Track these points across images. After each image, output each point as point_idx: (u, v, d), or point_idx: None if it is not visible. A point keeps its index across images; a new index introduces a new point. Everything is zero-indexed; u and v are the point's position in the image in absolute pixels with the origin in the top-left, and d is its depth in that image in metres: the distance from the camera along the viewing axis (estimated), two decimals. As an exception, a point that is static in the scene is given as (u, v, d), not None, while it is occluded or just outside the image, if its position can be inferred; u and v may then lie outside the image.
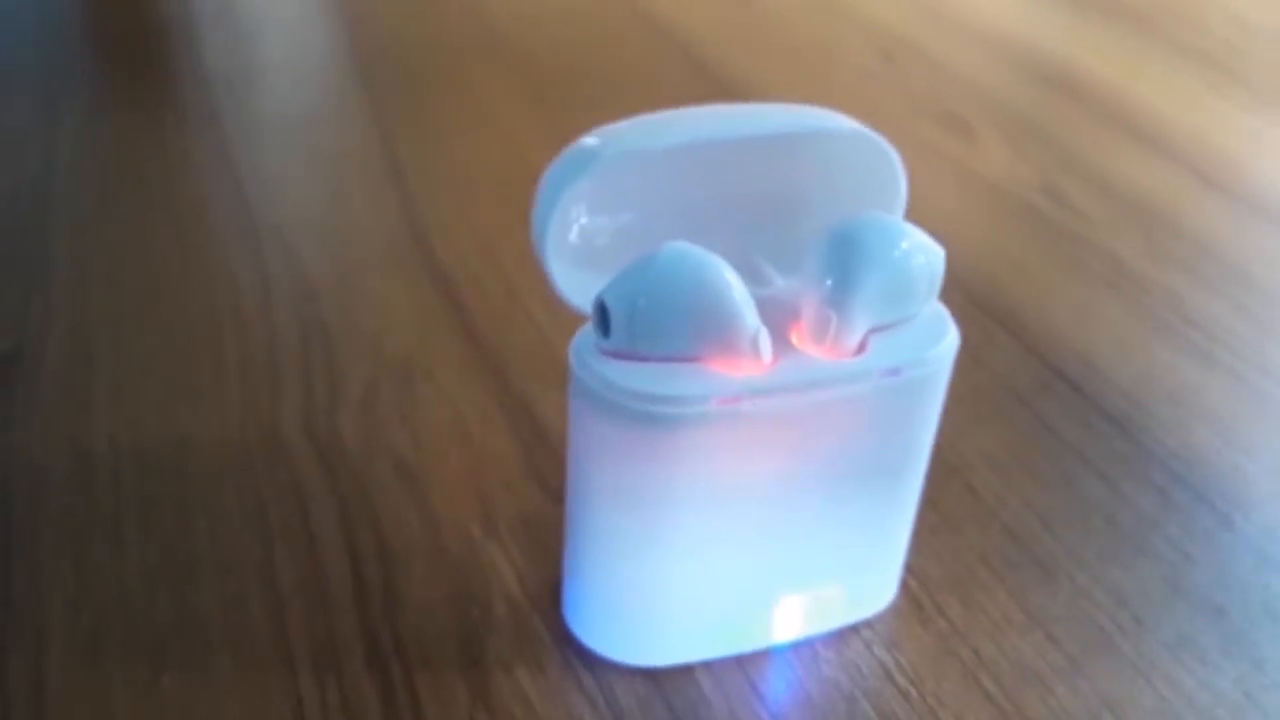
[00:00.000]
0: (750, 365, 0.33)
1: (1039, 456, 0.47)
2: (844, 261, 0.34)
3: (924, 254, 0.35)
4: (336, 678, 0.36)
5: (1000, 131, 0.74)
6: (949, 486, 0.45)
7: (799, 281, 0.35)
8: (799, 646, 0.38)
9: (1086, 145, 0.73)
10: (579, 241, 0.36)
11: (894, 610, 0.40)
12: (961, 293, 0.58)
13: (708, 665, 0.38)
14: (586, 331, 0.34)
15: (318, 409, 0.47)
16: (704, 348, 0.33)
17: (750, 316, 0.33)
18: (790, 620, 0.38)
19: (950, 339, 0.35)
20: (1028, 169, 0.70)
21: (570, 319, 0.35)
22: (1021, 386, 0.51)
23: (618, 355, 0.33)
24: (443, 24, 0.87)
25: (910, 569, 0.41)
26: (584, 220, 0.36)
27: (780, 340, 0.34)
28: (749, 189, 0.38)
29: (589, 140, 0.35)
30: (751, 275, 0.38)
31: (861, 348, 0.34)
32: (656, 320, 0.32)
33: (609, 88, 0.79)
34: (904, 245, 0.34)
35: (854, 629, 0.39)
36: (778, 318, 0.35)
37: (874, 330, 0.35)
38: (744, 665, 0.38)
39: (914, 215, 0.37)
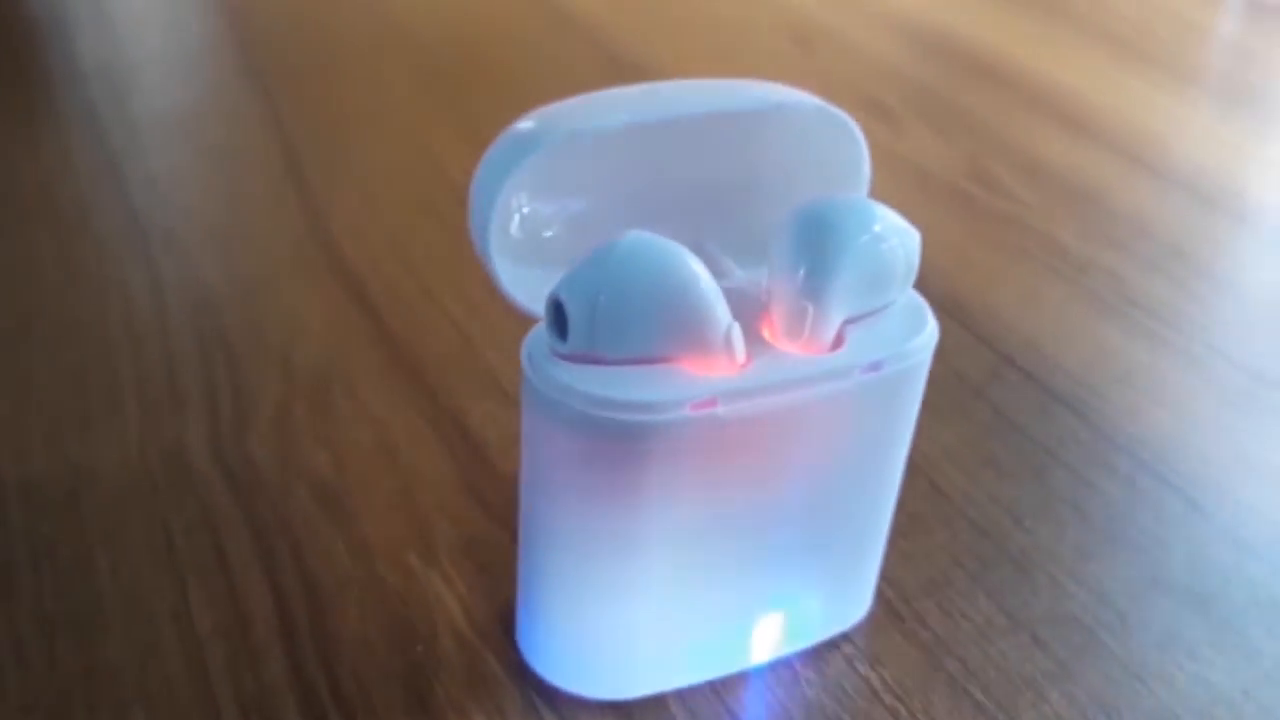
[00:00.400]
0: (723, 365, 0.30)
1: (1001, 449, 0.45)
2: (818, 247, 0.31)
3: (899, 237, 0.32)
4: (268, 732, 0.33)
5: (922, 117, 0.72)
6: (914, 485, 0.43)
7: (761, 272, 0.32)
8: (777, 667, 0.35)
9: (1010, 129, 0.72)
10: (522, 234, 0.33)
11: (873, 621, 0.37)
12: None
13: (680, 694, 0.34)
14: (538, 334, 0.31)
15: (225, 431, 0.43)
16: (672, 347, 0.30)
17: (722, 311, 0.30)
18: (767, 640, 0.35)
19: (931, 328, 0.33)
20: (954, 154, 0.68)
21: (496, 320, 0.32)
22: (974, 376, 0.49)
23: (576, 359, 0.30)
24: (333, 12, 0.83)
25: (884, 575, 0.39)
26: (526, 210, 0.33)
27: (751, 336, 0.31)
28: (701, 173, 0.35)
29: (530, 122, 0.32)
30: (708, 267, 0.35)
31: (838, 341, 0.32)
32: (619, 319, 0.29)
33: (515, 76, 0.75)
34: (878, 228, 0.32)
35: (833, 644, 0.36)
36: (744, 312, 0.32)
37: (849, 322, 0.32)
38: (720, 691, 0.35)
39: None
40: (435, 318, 0.50)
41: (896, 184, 0.65)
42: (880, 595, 0.38)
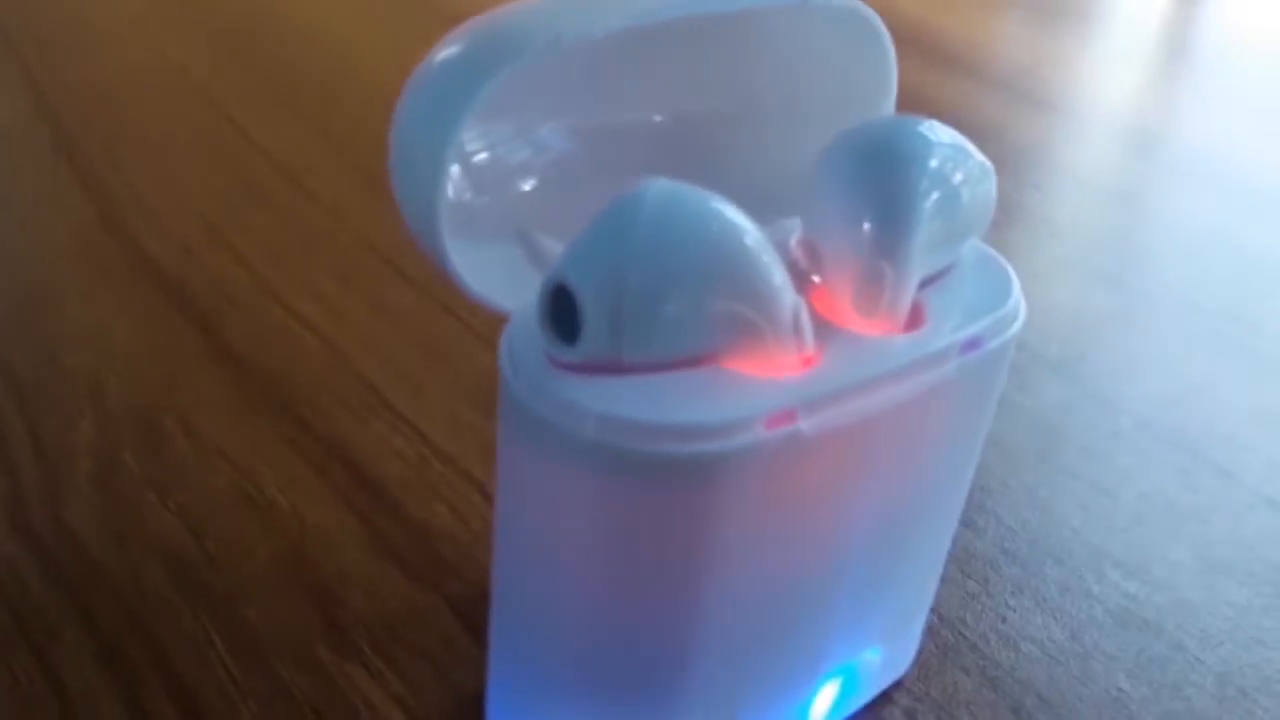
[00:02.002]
0: (787, 360, 0.22)
1: (1002, 426, 0.38)
2: (889, 187, 0.23)
3: (979, 171, 0.24)
4: None
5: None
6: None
7: (782, 226, 0.24)
8: (828, 735, 0.28)
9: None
10: (474, 194, 0.23)
11: (928, 660, 0.30)
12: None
13: (722, 792, 0.26)
14: (522, 335, 0.21)
15: (30, 499, 0.32)
16: (723, 341, 0.21)
17: (787, 285, 0.21)
18: (827, 700, 0.27)
19: (1018, 288, 0.25)
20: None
21: (360, 317, 0.22)
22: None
23: (586, 369, 0.21)
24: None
25: (917, 597, 0.31)
26: (480, 158, 0.23)
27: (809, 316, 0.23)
28: (694, 99, 0.27)
29: (480, 33, 0.22)
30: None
31: (916, 316, 0.24)
32: (655, 307, 0.20)
33: (321, 27, 0.64)
34: (959, 159, 0.24)
35: (888, 697, 0.29)
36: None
37: (922, 286, 0.24)
38: (767, 784, 0.26)
39: None
40: (283, 321, 0.40)
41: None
42: (928, 626, 0.31)
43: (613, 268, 0.20)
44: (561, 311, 0.20)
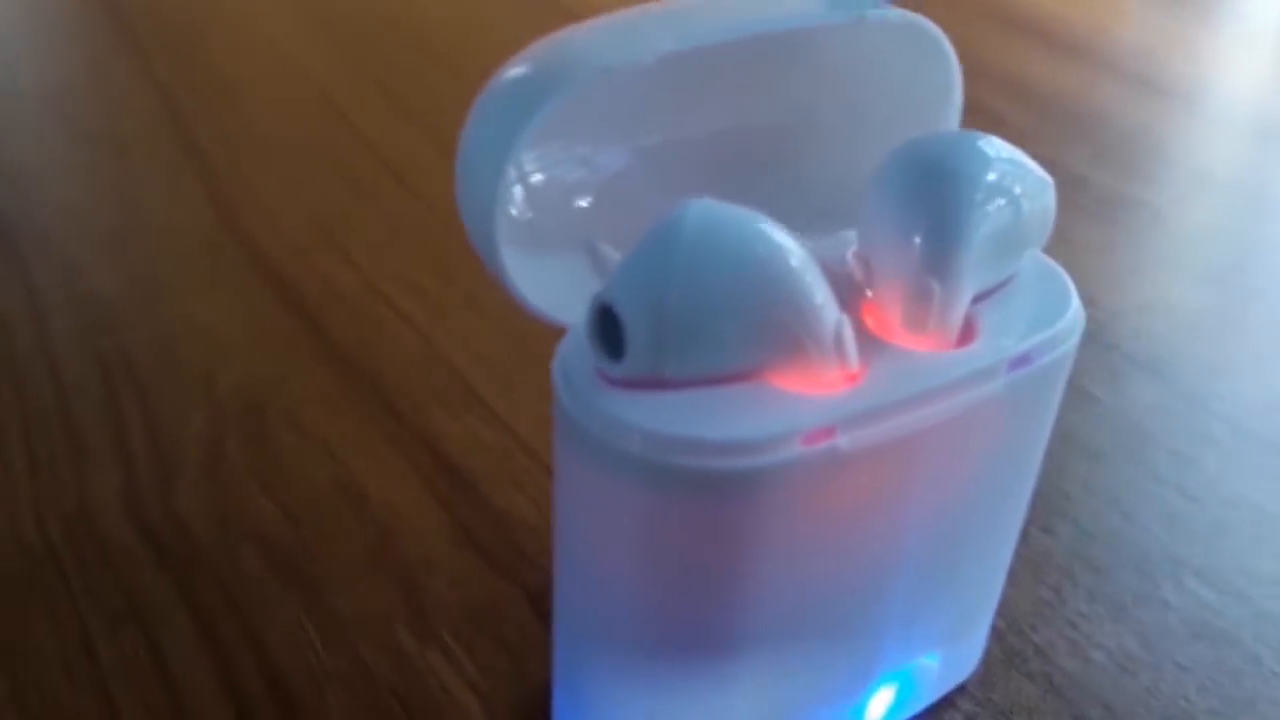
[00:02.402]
0: (830, 375, 0.22)
1: (1079, 427, 0.38)
2: (939, 202, 0.23)
3: (1036, 183, 0.24)
4: None
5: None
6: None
7: (835, 240, 0.25)
8: (885, 738, 0.28)
9: (988, 49, 0.64)
10: (532, 211, 0.25)
11: (992, 664, 0.30)
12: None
13: (773, 790, 0.27)
14: (574, 351, 0.22)
15: (143, 486, 0.34)
16: (765, 358, 0.22)
17: (828, 302, 0.22)
18: (883, 705, 0.27)
19: (1076, 301, 0.25)
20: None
21: (459, 316, 0.23)
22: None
23: (634, 384, 0.22)
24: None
25: (986, 601, 0.32)
26: (538, 177, 0.24)
27: (856, 332, 0.23)
28: (748, 116, 0.27)
29: (538, 59, 0.23)
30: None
31: (967, 329, 0.24)
32: (696, 326, 0.21)
33: (440, 28, 0.66)
34: (1014, 174, 0.24)
35: (950, 702, 0.29)
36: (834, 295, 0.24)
37: (975, 300, 0.24)
38: (822, 781, 0.27)
39: None
40: (386, 318, 0.42)
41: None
42: (992, 629, 0.31)
43: (654, 288, 0.21)
44: (608, 330, 0.21)
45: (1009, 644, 0.31)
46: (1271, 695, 0.29)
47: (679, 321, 0.21)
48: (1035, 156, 0.25)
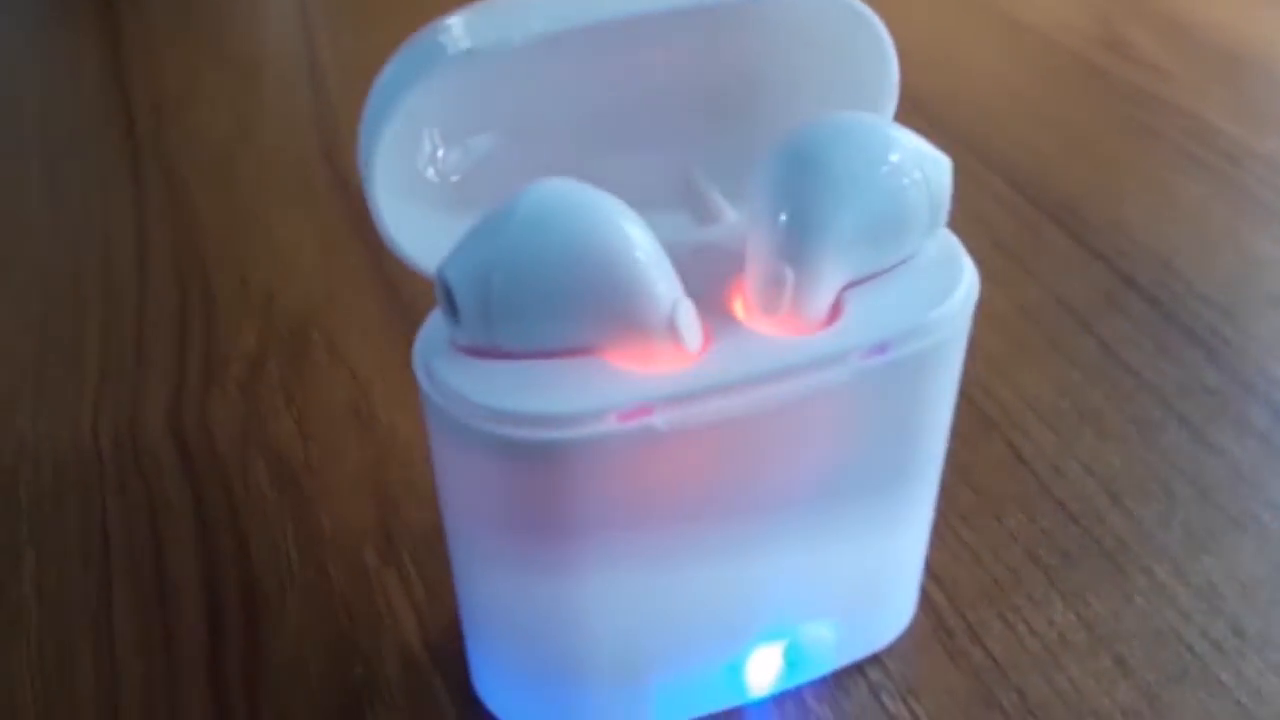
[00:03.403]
0: (671, 355, 0.23)
1: (1104, 401, 0.37)
2: (800, 189, 0.23)
3: (920, 168, 0.24)
4: (175, 777, 0.28)
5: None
6: (985, 450, 0.35)
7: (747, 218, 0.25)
8: (785, 700, 0.29)
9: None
10: (437, 175, 0.26)
11: (913, 637, 0.30)
12: (1004, 179, 0.47)
13: (660, 735, 0.28)
14: (436, 321, 0.24)
15: (189, 397, 0.38)
16: (598, 335, 0.23)
17: (664, 284, 0.23)
18: (769, 670, 0.28)
19: (965, 289, 0.24)
20: (1085, 17, 0.57)
21: None
22: (1082, 303, 0.40)
23: (478, 352, 0.23)
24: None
25: (934, 575, 0.31)
26: (440, 141, 0.26)
27: (718, 311, 0.24)
28: (685, 76, 0.27)
29: (443, 28, 0.24)
30: (693, 206, 0.28)
31: (835, 313, 0.24)
32: (521, 302, 0.22)
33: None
34: (891, 158, 0.24)
35: (859, 669, 0.29)
36: (723, 274, 0.25)
37: (851, 286, 0.24)
38: (709, 732, 0.28)
39: (945, 80, 0.26)
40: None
41: (1009, 53, 0.55)
42: (928, 602, 0.31)
43: (482, 263, 0.22)
44: (449, 300, 0.23)
45: (943, 620, 0.31)
46: (1206, 705, 0.28)
47: (504, 297, 0.22)
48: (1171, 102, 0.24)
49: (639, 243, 0.22)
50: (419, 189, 0.26)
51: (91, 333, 0.41)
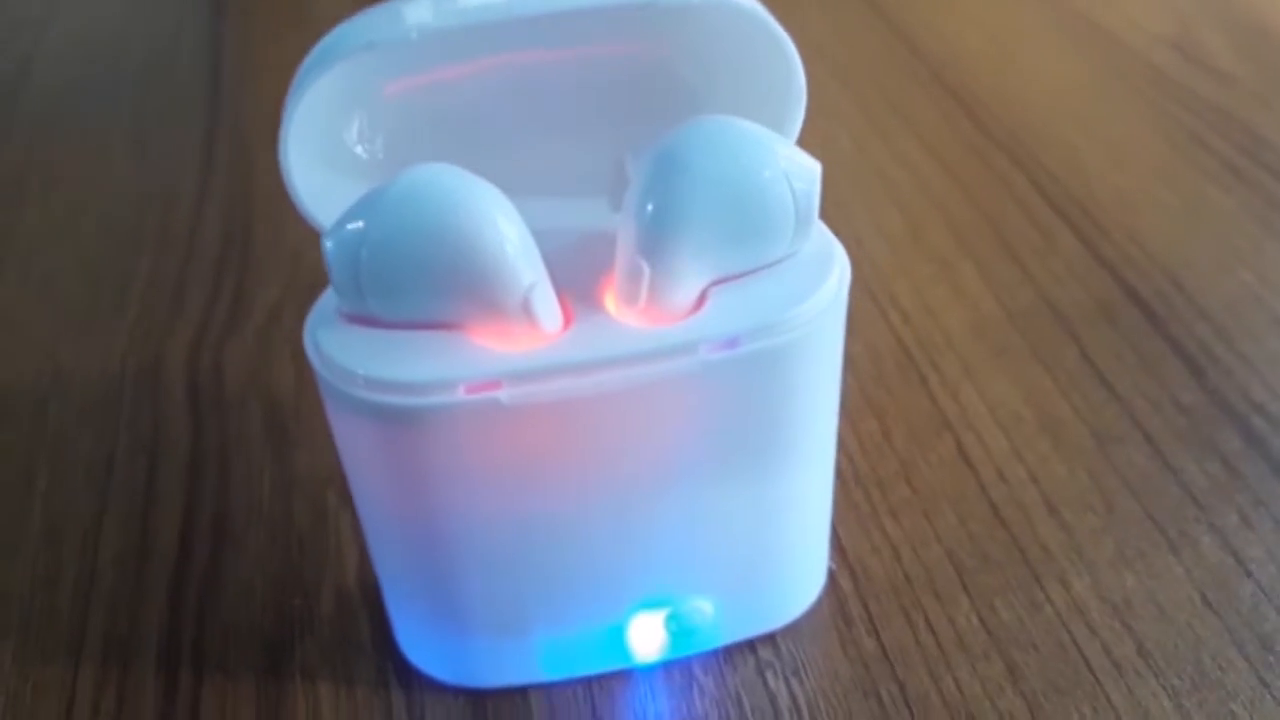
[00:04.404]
0: (528, 335, 0.25)
1: (1069, 411, 0.36)
2: (663, 189, 0.25)
3: (786, 175, 0.25)
4: (120, 677, 0.31)
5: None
6: (932, 449, 0.35)
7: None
8: (673, 669, 0.30)
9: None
10: (365, 153, 0.28)
11: (813, 621, 0.31)
12: (1028, 178, 0.46)
13: (549, 689, 0.30)
14: (331, 291, 0.26)
15: (209, 340, 0.42)
16: (459, 312, 0.25)
17: (524, 268, 0.24)
18: (654, 638, 0.30)
19: (825, 292, 0.25)
20: (1161, 17, 0.56)
21: None
22: (1075, 311, 0.40)
23: (358, 320, 0.25)
24: None
25: (849, 564, 0.32)
26: (371, 123, 0.28)
27: (592, 299, 0.26)
28: (607, 74, 0.29)
29: (333, 32, 0.26)
30: (616, 194, 0.29)
31: (698, 308, 0.25)
32: (386, 277, 0.24)
33: None
34: (756, 163, 0.25)
35: (751, 646, 0.31)
36: (611, 264, 0.26)
37: (719, 282, 0.25)
38: (595, 691, 0.30)
39: (998, 77, 0.27)
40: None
41: (1075, 54, 0.54)
42: (836, 590, 0.32)
43: (354, 237, 0.24)
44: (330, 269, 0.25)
45: (845, 608, 0.31)
46: (1086, 719, 0.29)
47: (371, 270, 0.24)
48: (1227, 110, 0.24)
49: (501, 227, 0.24)
50: (344, 163, 0.28)
51: (139, 275, 0.45)
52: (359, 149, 0.28)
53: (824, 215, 0.26)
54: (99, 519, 0.35)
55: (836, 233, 0.27)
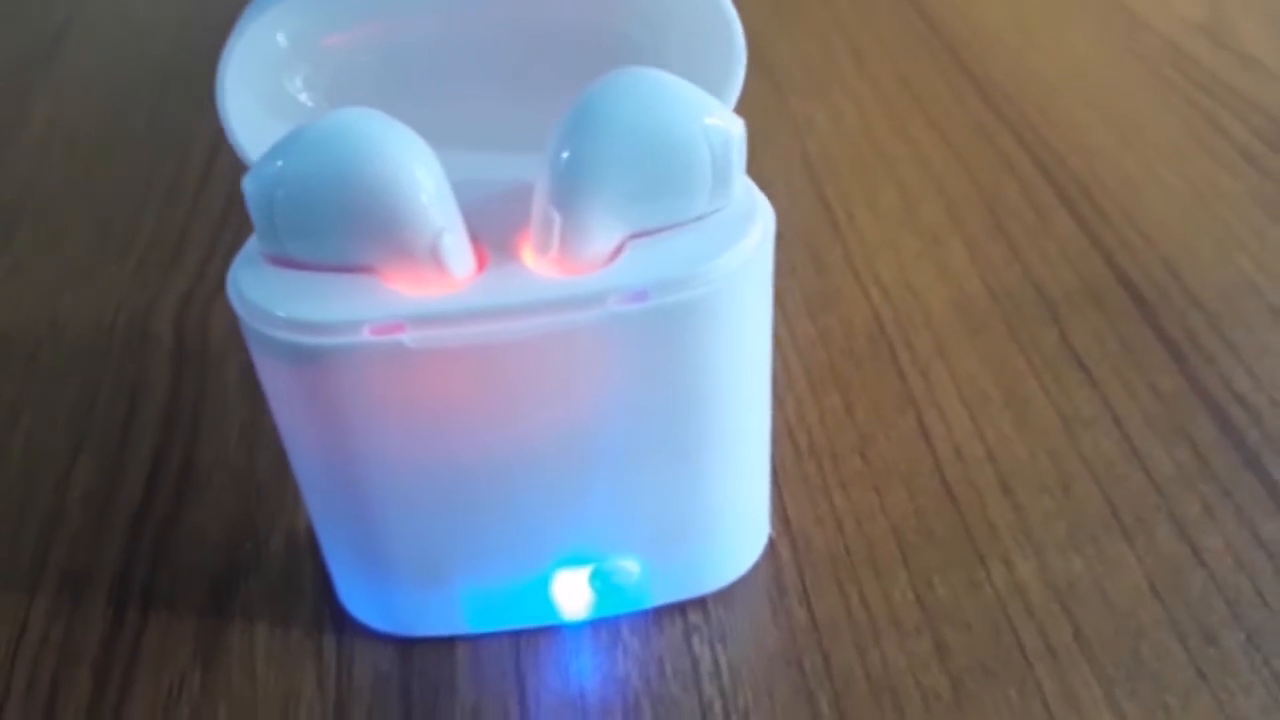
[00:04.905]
0: (439, 281, 0.25)
1: (1039, 393, 0.36)
2: (578, 139, 0.25)
3: (704, 130, 0.25)
4: (71, 610, 0.32)
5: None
6: (893, 425, 0.35)
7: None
8: (600, 627, 0.30)
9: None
10: (309, 100, 0.28)
11: (746, 588, 0.31)
12: (1032, 159, 0.45)
13: (476, 641, 0.30)
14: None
15: (199, 295, 0.42)
16: (371, 256, 0.25)
17: (434, 215, 0.24)
18: (580, 595, 0.30)
19: (742, 249, 0.25)
20: (1193, 1, 0.54)
21: None
22: (1061, 293, 0.39)
23: (278, 261, 0.26)
24: None
25: (793, 534, 0.32)
26: (314, 68, 0.28)
27: (510, 248, 0.26)
28: (562, 26, 0.29)
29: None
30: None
31: (614, 258, 0.25)
32: (301, 216, 0.25)
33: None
34: (673, 117, 0.25)
35: (681, 609, 0.31)
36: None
37: (639, 235, 0.25)
38: (520, 645, 0.30)
39: (1015, 59, 0.26)
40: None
41: (1098, 36, 0.53)
42: (774, 558, 0.31)
43: (271, 178, 0.25)
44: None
45: (781, 577, 0.31)
46: (1011, 703, 0.28)
47: (286, 211, 0.25)
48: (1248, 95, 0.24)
49: (413, 172, 0.24)
50: (289, 110, 0.28)
51: (143, 232, 0.46)
52: (303, 96, 0.29)
53: (818, 188, 0.26)
54: (73, 461, 0.36)
55: (828, 207, 0.27)
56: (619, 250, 0.25)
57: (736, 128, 0.25)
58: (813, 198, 0.43)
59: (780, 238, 0.27)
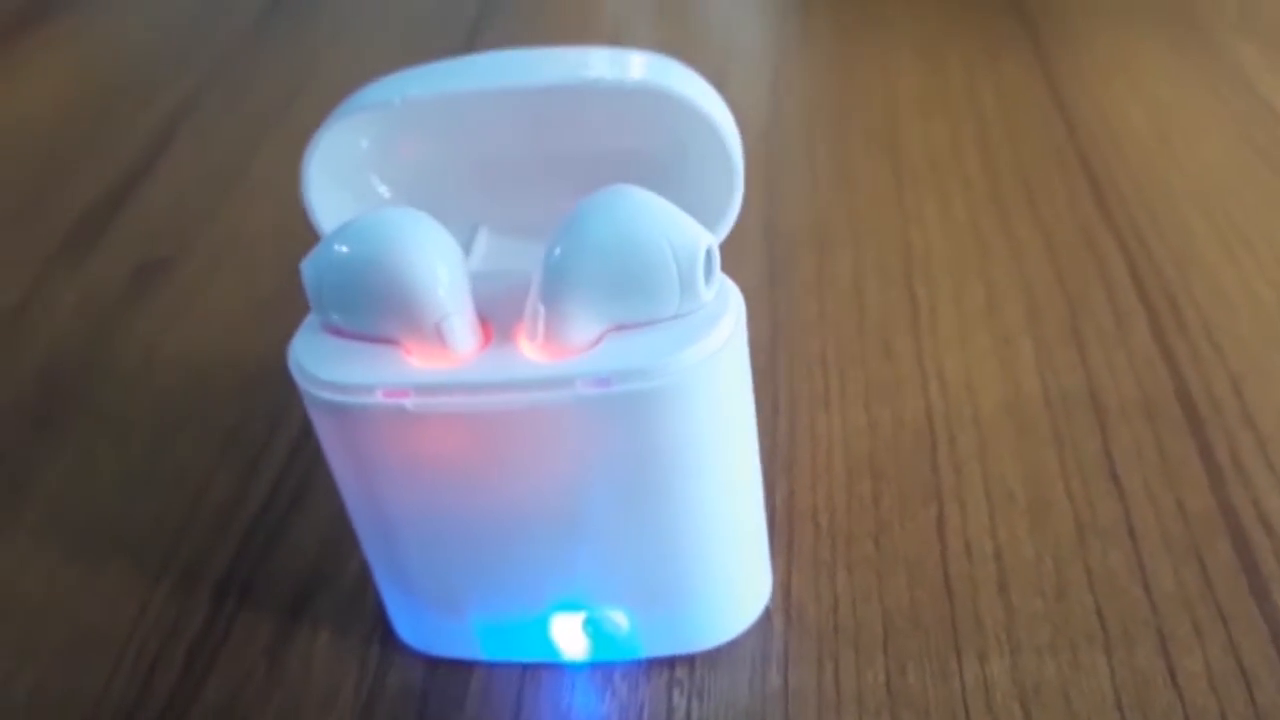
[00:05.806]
0: (445, 356, 0.29)
1: (1062, 499, 0.37)
2: (565, 244, 0.29)
3: (670, 243, 0.28)
4: (184, 598, 0.38)
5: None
6: (913, 515, 0.37)
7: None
8: (598, 670, 0.34)
9: None
10: (384, 186, 0.34)
11: (734, 653, 0.34)
12: (1127, 261, 0.46)
13: (490, 668, 0.35)
14: (323, 301, 0.32)
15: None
16: (395, 330, 0.30)
17: (441, 300, 0.29)
18: (578, 638, 0.34)
19: (703, 347, 0.29)
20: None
21: None
22: (1115, 402, 0.40)
23: (331, 330, 0.31)
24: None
25: (790, 608, 0.35)
26: (389, 160, 0.34)
27: (512, 333, 0.30)
28: (576, 143, 0.33)
29: (352, 94, 0.32)
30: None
31: (593, 347, 0.29)
32: (340, 294, 0.30)
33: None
34: (642, 230, 0.28)
35: (671, 663, 0.34)
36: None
37: (620, 328, 0.29)
38: (526, 677, 0.34)
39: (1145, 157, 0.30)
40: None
41: (1239, 140, 0.52)
42: (766, 627, 0.34)
43: (322, 262, 0.30)
44: (311, 287, 0.31)
45: (767, 645, 0.34)
46: (943, 782, 0.30)
47: (331, 290, 0.30)
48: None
49: (430, 264, 0.29)
50: (362, 193, 0.34)
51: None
52: (381, 189, 0.34)
53: (909, 280, 0.29)
54: (213, 473, 0.43)
55: (914, 299, 0.29)
56: (599, 340, 0.29)
57: (701, 243, 0.28)
58: (901, 289, 0.45)
59: (859, 328, 0.29)
